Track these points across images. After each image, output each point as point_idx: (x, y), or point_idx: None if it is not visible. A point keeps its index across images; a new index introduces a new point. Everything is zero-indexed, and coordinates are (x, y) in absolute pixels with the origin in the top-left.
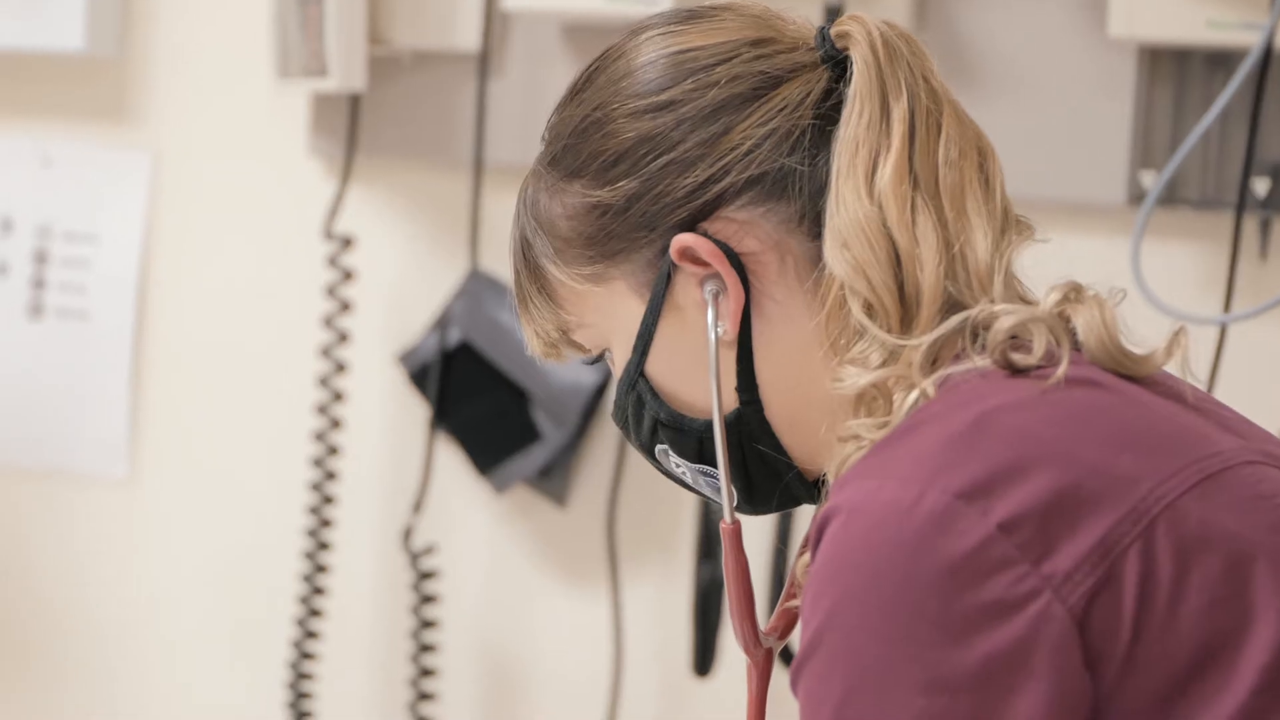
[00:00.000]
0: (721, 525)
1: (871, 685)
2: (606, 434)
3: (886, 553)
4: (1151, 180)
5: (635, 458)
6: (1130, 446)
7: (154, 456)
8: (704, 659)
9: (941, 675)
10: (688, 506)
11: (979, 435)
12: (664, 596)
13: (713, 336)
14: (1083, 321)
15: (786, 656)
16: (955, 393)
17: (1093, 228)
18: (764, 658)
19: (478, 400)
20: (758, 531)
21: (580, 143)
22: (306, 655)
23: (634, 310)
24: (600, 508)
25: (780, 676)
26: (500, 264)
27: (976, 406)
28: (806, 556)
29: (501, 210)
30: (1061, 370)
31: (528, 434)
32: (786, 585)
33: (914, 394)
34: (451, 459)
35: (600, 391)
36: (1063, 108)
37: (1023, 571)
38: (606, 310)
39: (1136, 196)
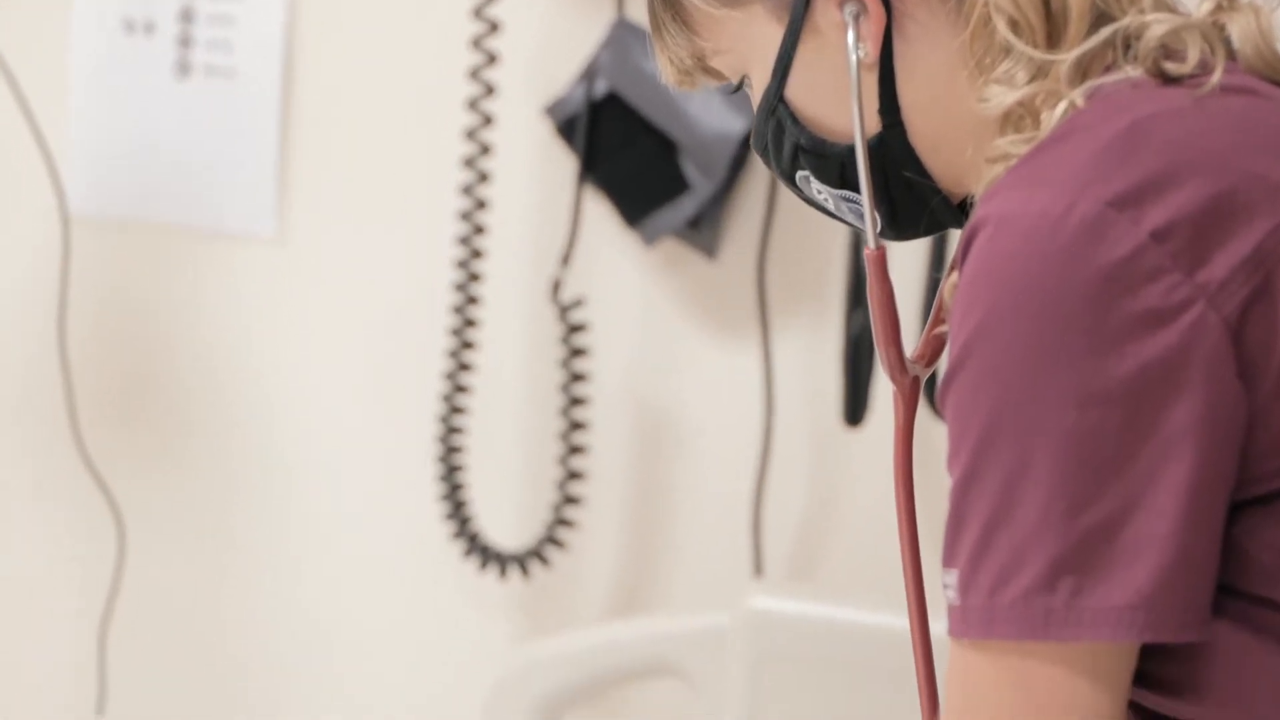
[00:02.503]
0: (865, 251)
1: (1022, 398)
2: (756, 184)
3: (1037, 263)
4: None
5: (785, 207)
6: None
7: (302, 214)
8: (855, 408)
9: (1094, 386)
10: (838, 256)
11: (1131, 143)
12: (814, 347)
13: (853, 59)
14: (1238, 29)
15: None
16: (1106, 102)
17: None
18: (910, 386)
19: (625, 151)
20: (910, 257)
21: None
22: (456, 410)
23: (772, 35)
24: (750, 259)
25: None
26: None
27: (1128, 115)
28: (955, 276)
29: None
30: (1216, 78)
31: (676, 185)
32: (934, 309)
33: (1062, 105)
34: (599, 211)
35: (749, 140)
36: None
37: (1176, 280)
38: (744, 35)
39: None
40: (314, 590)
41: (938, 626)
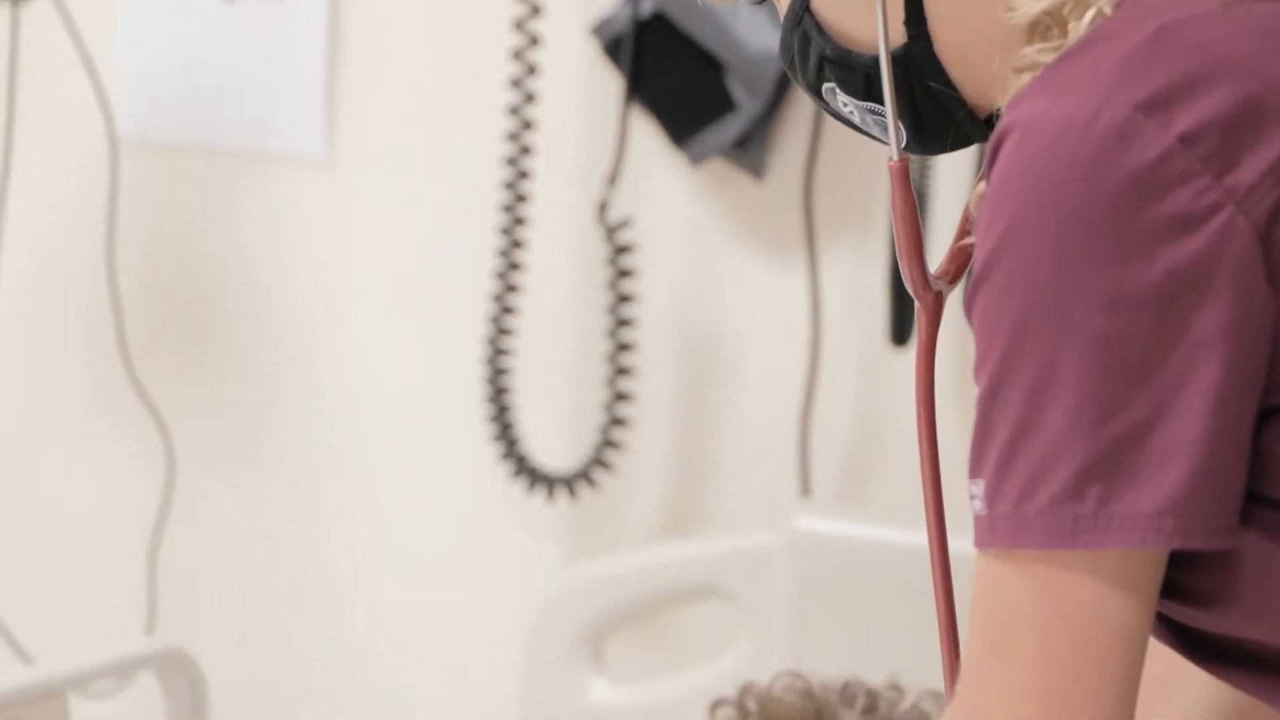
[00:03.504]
0: (889, 163)
1: (1049, 304)
2: (803, 104)
3: (1064, 167)
4: None
5: (832, 127)
6: None
7: (350, 136)
8: (901, 328)
9: (1122, 291)
10: (884, 175)
11: (1159, 48)
12: (861, 267)
13: None
14: None
15: None
16: (1133, 9)
17: None
18: (934, 302)
19: (672, 71)
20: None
21: None
22: (503, 331)
23: None
24: (796, 179)
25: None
26: None
27: (1155, 20)
28: (982, 186)
29: None
30: None
31: (722, 104)
32: (960, 222)
33: (1090, 13)
34: (646, 132)
35: None
36: None
37: (1205, 185)
38: None
39: None
40: (360, 512)
41: (958, 543)
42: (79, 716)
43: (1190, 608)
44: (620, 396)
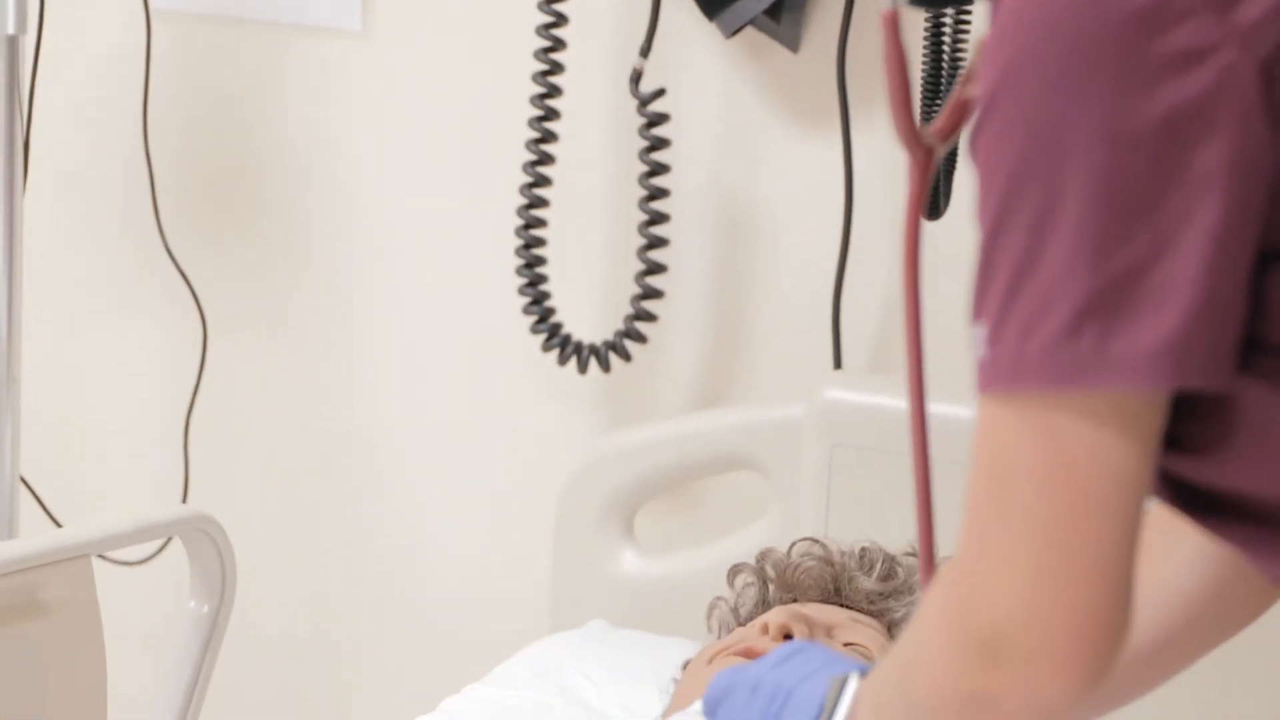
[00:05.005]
0: (881, 14)
1: (1050, 140)
2: None
3: (1064, 3)
4: None
5: (867, 1)
6: None
7: (386, 8)
8: (934, 202)
9: (1123, 127)
10: (920, 47)
11: None
12: (895, 140)
13: None
14: None
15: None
16: None
17: None
18: (924, 157)
19: None
20: None
21: None
22: (537, 202)
23: None
24: (831, 51)
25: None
26: None
27: None
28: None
29: None
30: None
31: None
32: (962, 74)
33: None
34: (680, 2)
35: None
36: None
37: (1208, 21)
38: None
39: None
40: (392, 382)
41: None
42: (112, 585)
43: (1187, 457)
44: (653, 268)
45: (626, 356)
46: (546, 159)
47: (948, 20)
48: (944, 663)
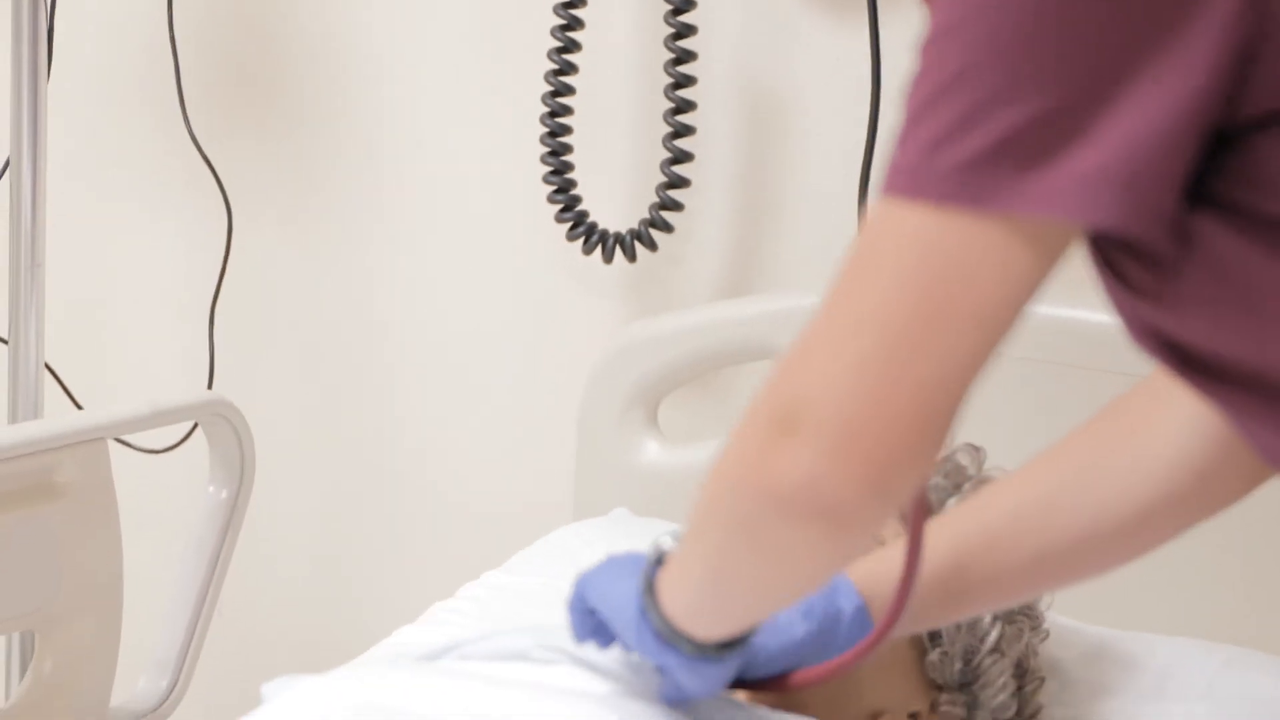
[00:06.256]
0: None
1: None
2: None
3: None
4: None
5: None
6: None
7: None
8: None
9: None
10: None
11: None
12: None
13: None
14: None
15: None
16: None
17: None
18: None
19: None
20: None
21: None
22: (562, 90)
23: None
24: None
25: None
26: None
27: None
28: None
29: None
30: None
31: None
32: None
33: None
34: None
35: None
36: None
37: None
38: None
39: None
40: (417, 271)
41: None
42: (136, 472)
43: (1171, 315)
44: (679, 157)
45: (652, 246)
46: (573, 46)
47: None
48: (745, 438)
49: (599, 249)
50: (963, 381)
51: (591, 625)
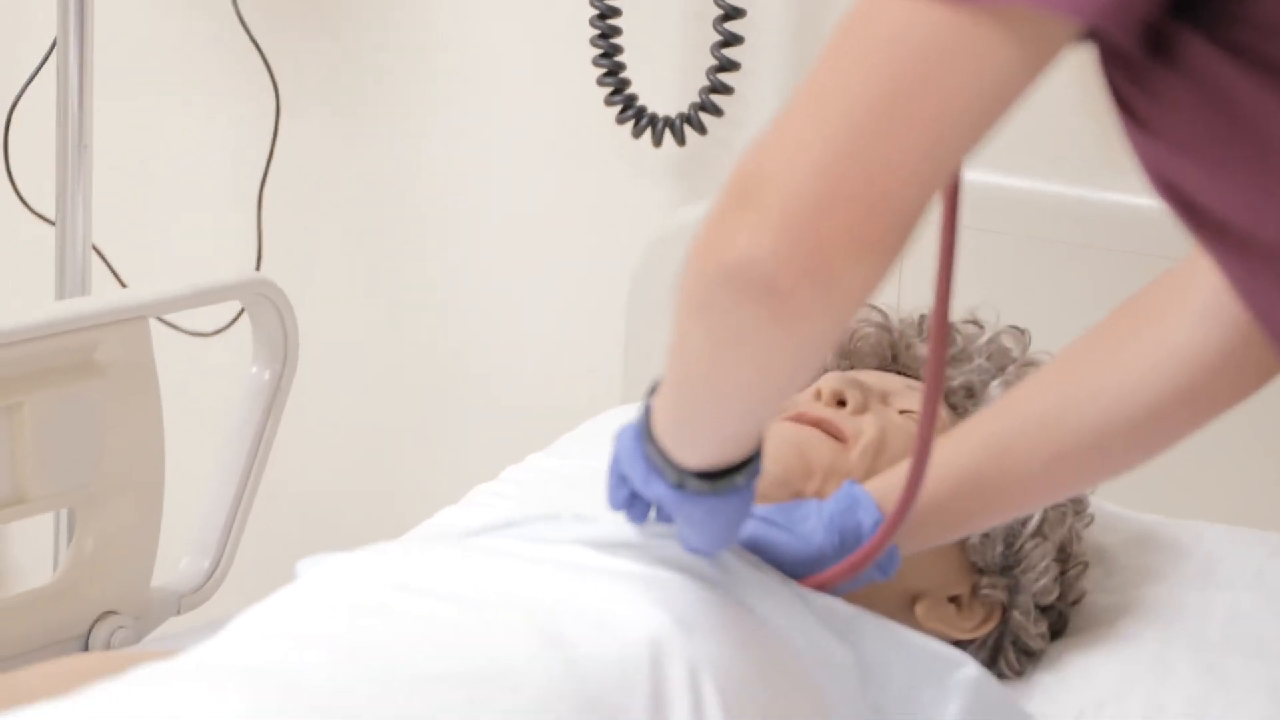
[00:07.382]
0: None
1: None
2: None
3: None
4: None
5: None
6: None
7: None
8: None
9: None
10: None
11: None
12: None
13: None
14: None
15: None
16: None
17: None
18: None
19: None
20: None
21: None
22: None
23: None
24: None
25: None
26: None
27: None
28: None
29: None
30: None
31: None
32: None
33: None
34: None
35: None
36: None
37: None
38: None
39: None
40: (467, 154)
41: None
42: (179, 353)
43: (1148, 140)
44: (729, 39)
45: (702, 129)
46: None
47: None
48: (710, 216)
49: (648, 132)
50: (921, 177)
51: (624, 495)
